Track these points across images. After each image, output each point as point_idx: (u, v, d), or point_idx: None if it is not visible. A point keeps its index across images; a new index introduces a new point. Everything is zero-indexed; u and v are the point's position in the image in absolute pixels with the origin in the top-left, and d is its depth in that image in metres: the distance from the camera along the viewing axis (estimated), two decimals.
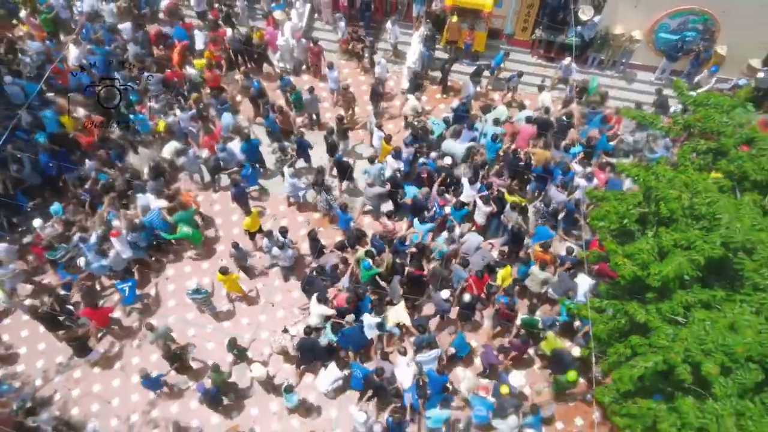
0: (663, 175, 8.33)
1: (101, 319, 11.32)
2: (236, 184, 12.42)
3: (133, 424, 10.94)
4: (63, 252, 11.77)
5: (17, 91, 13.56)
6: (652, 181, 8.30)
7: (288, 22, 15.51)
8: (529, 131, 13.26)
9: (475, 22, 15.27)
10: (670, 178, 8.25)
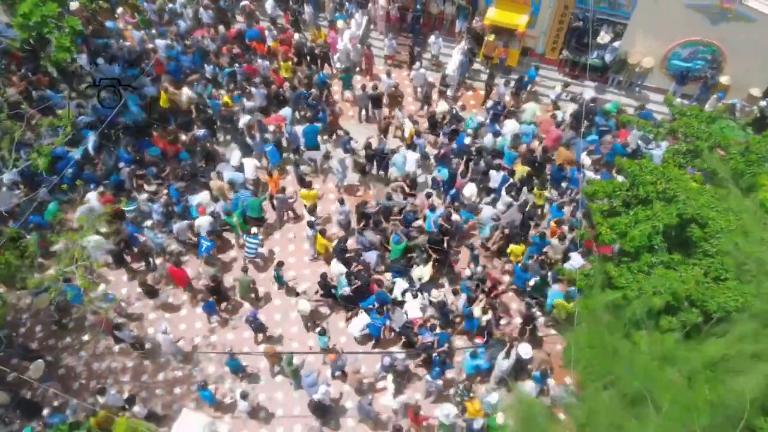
0: (646, 166, 10.33)
1: (180, 279, 13.66)
2: (298, 165, 14.89)
3: (197, 344, 13.34)
4: (134, 206, 14.36)
5: (112, 72, 16.36)
6: (636, 170, 10.30)
7: (347, 30, 18.04)
8: (557, 132, 15.40)
9: (509, 40, 17.46)
10: (651, 169, 10.24)
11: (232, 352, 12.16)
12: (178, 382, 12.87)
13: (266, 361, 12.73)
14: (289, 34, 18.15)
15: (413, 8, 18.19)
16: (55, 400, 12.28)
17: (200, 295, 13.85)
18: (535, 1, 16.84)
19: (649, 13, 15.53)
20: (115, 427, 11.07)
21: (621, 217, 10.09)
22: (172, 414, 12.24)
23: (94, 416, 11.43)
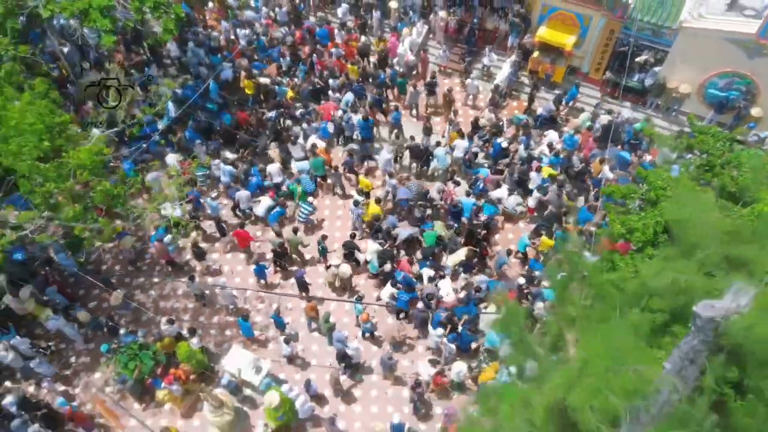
0: (660, 174, 11.62)
1: (244, 241, 15.63)
2: (350, 154, 16.78)
3: (247, 298, 15.28)
4: (205, 171, 16.48)
5: (200, 55, 18.73)
6: (651, 177, 11.60)
7: (408, 37, 19.87)
8: (594, 145, 16.80)
9: (556, 58, 18.87)
10: (665, 177, 11.52)
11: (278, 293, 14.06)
12: (230, 326, 14.81)
13: (305, 317, 14.56)
14: (355, 36, 20.12)
15: (470, 22, 19.85)
16: (129, 325, 14.38)
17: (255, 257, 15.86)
18: (584, 23, 18.21)
19: (689, 44, 16.66)
20: (177, 350, 13.13)
21: (632, 215, 11.40)
22: (221, 351, 14.18)
23: (161, 341, 13.51)
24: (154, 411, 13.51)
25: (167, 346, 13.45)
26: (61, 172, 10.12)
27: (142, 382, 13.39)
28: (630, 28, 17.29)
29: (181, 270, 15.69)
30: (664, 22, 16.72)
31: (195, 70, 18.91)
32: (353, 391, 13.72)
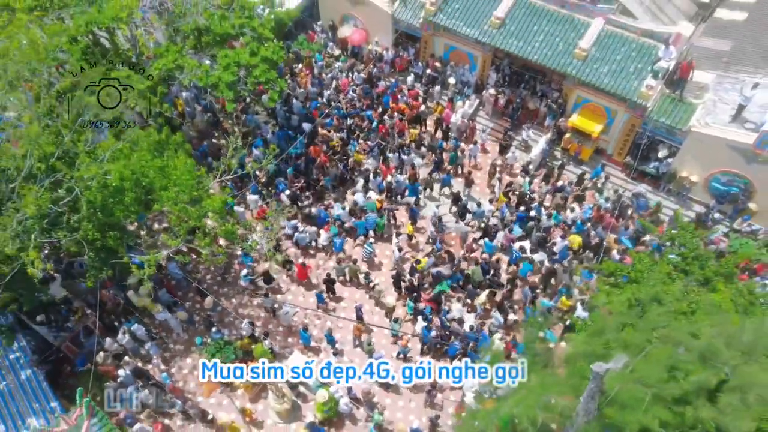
0: (643, 259, 14.83)
1: (301, 273, 19.56)
2: (410, 206, 20.66)
3: (308, 314, 19.15)
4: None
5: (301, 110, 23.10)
6: (636, 259, 14.84)
7: (461, 108, 23.62)
8: (610, 221, 19.97)
9: (585, 140, 22.16)
10: (646, 262, 14.73)
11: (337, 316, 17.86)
12: (292, 335, 18.70)
13: (351, 336, 18.30)
14: (418, 103, 24.03)
15: (515, 101, 23.43)
16: (217, 325, 18.47)
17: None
18: (611, 115, 21.49)
19: (697, 145, 19.67)
20: (254, 349, 17.10)
21: (617, 289, 14.64)
22: (285, 354, 18.05)
23: (240, 340, 17.53)
24: (229, 393, 17.48)
25: (245, 344, 17.44)
26: (200, 214, 14.34)
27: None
28: (648, 124, 20.48)
29: (258, 286, 19.75)
30: (676, 124, 19.82)
31: (282, 119, 23.21)
32: (384, 399, 17.29)
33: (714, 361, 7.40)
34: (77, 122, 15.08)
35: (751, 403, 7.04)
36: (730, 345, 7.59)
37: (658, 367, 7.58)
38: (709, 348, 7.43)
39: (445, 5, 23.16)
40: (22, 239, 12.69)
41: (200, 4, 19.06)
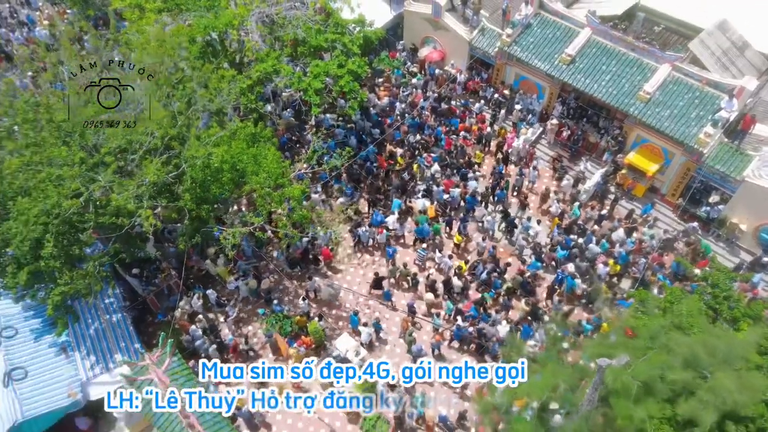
0: (674, 292, 15.90)
1: (326, 255, 21.65)
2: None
3: (359, 303, 21.14)
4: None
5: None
6: (668, 291, 15.93)
7: (524, 135, 25.13)
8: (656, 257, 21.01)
9: (640, 177, 23.13)
10: (676, 295, 15.78)
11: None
12: (343, 319, 20.74)
13: (398, 329, 20.14)
14: (484, 126, 25.75)
15: (576, 133, 24.71)
16: (279, 300, 20.77)
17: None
18: (669, 156, 22.43)
19: (749, 194, 20.33)
20: (309, 326, 19.22)
21: (645, 316, 15.75)
22: (334, 335, 20.08)
23: (298, 316, 19.72)
24: (281, 362, 19.67)
25: (301, 321, 19.62)
26: (281, 199, 16.67)
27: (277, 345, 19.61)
28: (703, 169, 21.31)
29: (318, 272, 21.94)
30: (731, 172, 20.59)
31: (360, 126, 25.48)
32: (416, 387, 18.98)
33: (696, 367, 8.68)
34: (189, 110, 17.85)
35: (718, 400, 8.32)
36: (712, 355, 8.86)
37: (651, 367, 8.96)
38: (693, 356, 8.73)
39: (520, 38, 24.83)
40: (139, 200, 15.37)
41: (301, 18, 21.65)
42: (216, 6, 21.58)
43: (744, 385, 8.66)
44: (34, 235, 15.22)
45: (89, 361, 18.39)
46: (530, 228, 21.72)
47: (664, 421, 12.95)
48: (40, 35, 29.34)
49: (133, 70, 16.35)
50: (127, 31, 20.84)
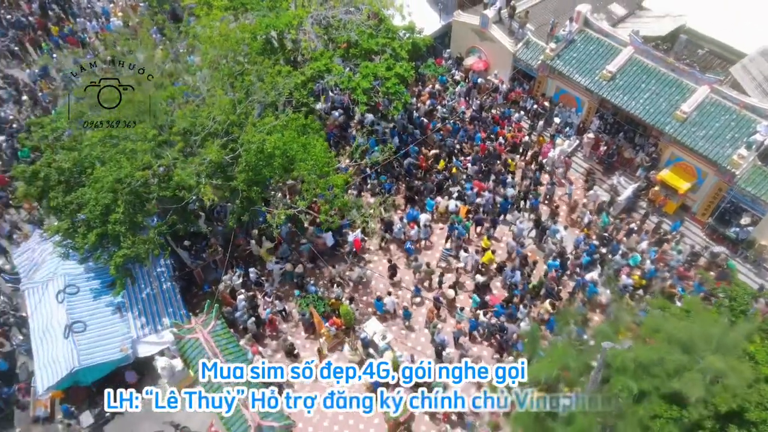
0: (692, 300, 16.56)
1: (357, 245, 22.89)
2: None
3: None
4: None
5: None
6: (685, 299, 16.62)
7: (561, 146, 25.96)
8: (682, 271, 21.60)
9: (672, 195, 23.66)
10: (694, 302, 16.45)
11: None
12: (372, 306, 22.00)
13: (424, 318, 21.28)
14: (521, 134, 26.70)
15: (611, 148, 25.41)
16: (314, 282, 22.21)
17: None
18: (702, 176, 22.92)
19: None
20: (340, 308, 20.56)
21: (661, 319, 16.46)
22: (363, 318, 21.34)
23: (332, 299, 21.07)
24: (312, 340, 21.06)
25: (333, 303, 20.98)
26: (325, 186, 18.14)
27: (312, 321, 21.01)
28: (734, 190, 21.75)
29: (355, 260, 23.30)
30: (762, 194, 20.98)
31: (399, 127, 26.77)
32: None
33: (692, 351, 9.53)
34: (247, 100, 19.52)
35: (707, 379, 9.16)
36: (707, 342, 9.70)
37: (651, 351, 9.87)
38: (690, 341, 9.58)
39: (563, 53, 25.74)
40: (198, 177, 17.05)
41: (355, 22, 23.16)
42: (277, 7, 23.30)
43: (733, 368, 9.47)
44: (106, 201, 17.08)
45: (140, 321, 20.20)
46: (558, 232, 22.55)
47: (670, 421, 13.79)
48: (115, 25, 31.84)
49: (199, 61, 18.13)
50: (195, 26, 22.76)
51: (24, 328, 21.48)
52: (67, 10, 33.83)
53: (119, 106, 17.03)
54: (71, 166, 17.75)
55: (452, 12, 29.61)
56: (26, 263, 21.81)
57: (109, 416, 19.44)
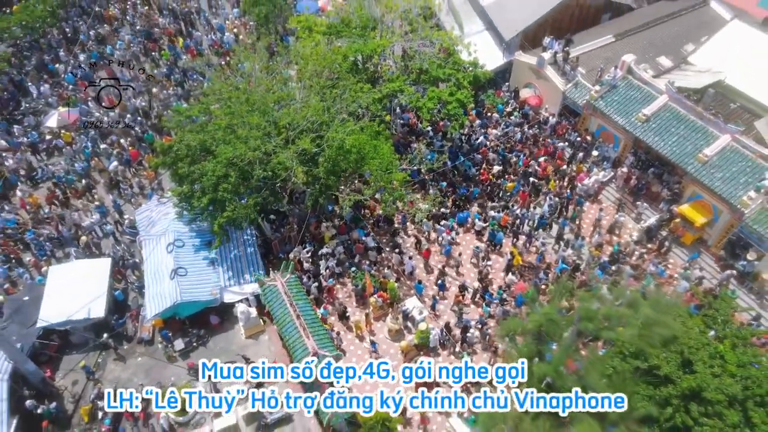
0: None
1: (426, 255, 27.07)
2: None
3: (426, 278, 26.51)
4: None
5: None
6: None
7: (596, 176, 29.49)
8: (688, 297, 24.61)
9: (690, 227, 26.68)
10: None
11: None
12: (412, 288, 26.16)
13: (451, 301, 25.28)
14: (561, 162, 30.42)
15: (641, 181, 28.71)
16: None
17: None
18: (717, 213, 25.91)
19: None
20: (388, 285, 24.87)
21: None
22: (404, 297, 25.51)
23: (382, 278, 25.42)
24: (362, 308, 25.43)
25: (383, 281, 25.32)
26: (388, 180, 22.76)
27: (363, 293, 25.38)
28: (744, 228, 24.66)
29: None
30: (767, 233, 23.83)
31: (456, 144, 31.07)
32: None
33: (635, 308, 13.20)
34: (334, 107, 24.50)
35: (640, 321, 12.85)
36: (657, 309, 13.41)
37: (609, 309, 13.61)
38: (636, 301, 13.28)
39: (606, 95, 29.44)
40: (292, 161, 22.05)
41: (427, 54, 27.91)
42: (366, 35, 28.40)
43: (660, 316, 13.16)
44: (220, 174, 22.30)
45: (227, 274, 25.24)
46: (583, 246, 26.08)
47: (646, 398, 17.24)
48: (228, 39, 38.06)
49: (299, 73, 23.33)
50: (298, 45, 28.17)
51: (137, 270, 26.98)
52: (191, 24, 40.57)
53: (236, 103, 22.40)
54: (197, 144, 23.16)
55: (514, 52, 33.89)
56: (144, 220, 27.49)
57: (196, 345, 24.40)
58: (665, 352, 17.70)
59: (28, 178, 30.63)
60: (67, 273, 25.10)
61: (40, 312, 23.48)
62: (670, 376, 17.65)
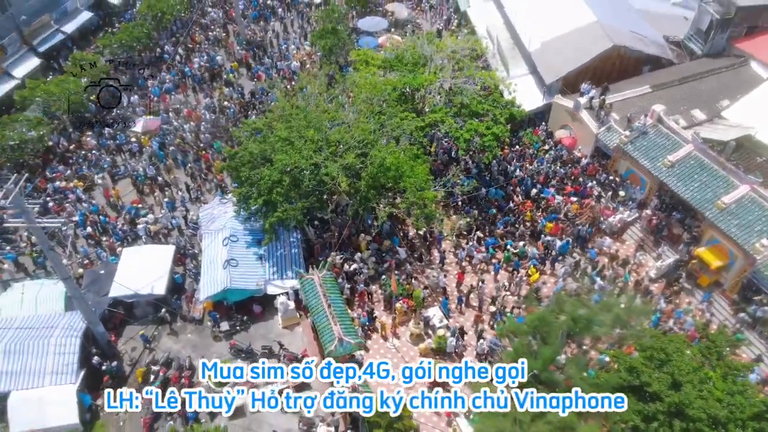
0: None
1: (460, 277, 29.48)
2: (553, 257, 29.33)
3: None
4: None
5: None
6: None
7: (621, 215, 31.26)
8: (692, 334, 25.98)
9: (706, 270, 27.99)
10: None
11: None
12: (437, 302, 28.52)
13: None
14: (589, 201, 32.39)
15: (661, 223, 30.30)
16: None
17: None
18: (733, 257, 27.21)
19: None
20: (414, 293, 27.41)
21: None
22: (428, 306, 27.87)
23: (407, 285, 27.98)
24: (388, 312, 27.96)
25: (409, 288, 27.85)
26: (421, 197, 25.64)
27: (391, 299, 27.95)
28: (757, 275, 25.89)
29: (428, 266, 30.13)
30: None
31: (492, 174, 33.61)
32: None
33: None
34: (380, 130, 27.70)
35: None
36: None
37: (593, 310, 15.80)
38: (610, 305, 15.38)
39: (636, 140, 31.45)
40: (337, 174, 25.26)
41: (469, 90, 30.90)
42: (416, 70, 31.73)
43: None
44: (275, 179, 25.73)
45: (272, 269, 28.42)
46: (597, 281, 27.90)
47: (634, 412, 18.97)
48: (294, 67, 42.38)
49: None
50: (354, 76, 31.77)
51: (194, 260, 30.62)
52: (264, 50, 45.32)
53: (295, 119, 26.00)
54: (258, 152, 26.79)
55: (554, 95, 36.42)
56: (206, 217, 31.27)
57: (239, 328, 27.52)
58: (657, 372, 19.43)
59: (110, 175, 35.26)
60: (137, 254, 28.99)
61: (112, 285, 27.30)
62: (658, 394, 19.29)
